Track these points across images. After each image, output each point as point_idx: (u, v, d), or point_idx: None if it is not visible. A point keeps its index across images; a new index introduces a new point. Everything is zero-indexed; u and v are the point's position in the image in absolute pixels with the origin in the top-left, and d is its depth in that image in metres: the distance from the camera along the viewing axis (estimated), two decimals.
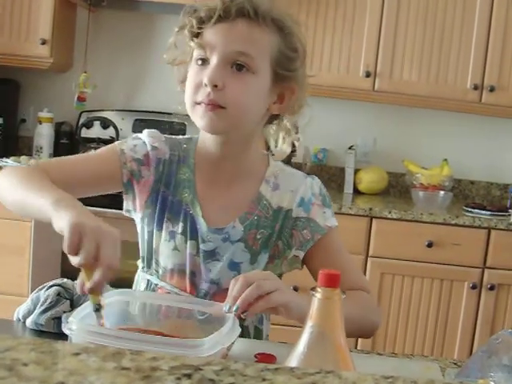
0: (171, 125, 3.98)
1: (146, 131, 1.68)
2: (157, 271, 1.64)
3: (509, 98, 3.74)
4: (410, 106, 3.90)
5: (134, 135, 1.69)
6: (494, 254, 3.45)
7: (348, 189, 4.02)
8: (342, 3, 3.71)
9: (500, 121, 4.05)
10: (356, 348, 3.45)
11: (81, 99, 4.00)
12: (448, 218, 3.43)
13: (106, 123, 3.99)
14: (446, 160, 4.03)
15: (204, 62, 1.52)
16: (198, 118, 1.53)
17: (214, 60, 1.51)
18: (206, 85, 1.49)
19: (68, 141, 4.03)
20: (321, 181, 1.75)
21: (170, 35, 1.61)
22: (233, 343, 1.31)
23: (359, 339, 3.43)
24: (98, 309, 1.28)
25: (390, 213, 3.41)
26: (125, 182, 1.61)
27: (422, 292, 3.47)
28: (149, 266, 1.66)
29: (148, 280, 1.66)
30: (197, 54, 1.54)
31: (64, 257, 1.31)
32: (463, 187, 4.19)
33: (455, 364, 1.45)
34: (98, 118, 4.00)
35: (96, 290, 1.27)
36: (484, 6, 3.68)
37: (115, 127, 3.94)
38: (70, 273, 1.48)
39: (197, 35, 1.53)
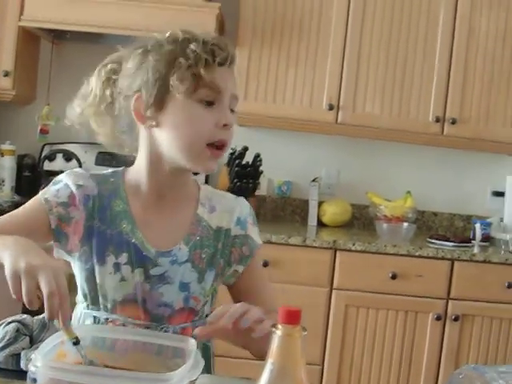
0: (134, 158, 3.96)
1: (66, 172, 1.67)
2: (105, 306, 1.63)
3: (470, 130, 3.78)
4: (373, 138, 3.93)
5: (55, 179, 1.67)
6: (458, 285, 3.47)
7: (312, 221, 4.02)
8: (305, 36, 3.74)
9: (462, 153, 4.10)
10: (321, 383, 3.45)
11: (43, 131, 3.97)
12: (412, 249, 3.44)
13: (68, 156, 3.96)
14: (409, 192, 4.05)
15: (211, 102, 1.57)
16: (203, 160, 1.58)
17: (225, 101, 1.58)
18: (224, 125, 1.56)
19: (30, 173, 3.99)
20: (285, 213, 1.83)
21: None
22: (197, 378, 1.30)
23: (324, 374, 3.42)
24: (76, 342, 1.27)
25: (354, 245, 3.41)
26: (53, 227, 1.59)
27: (386, 324, 3.47)
28: (94, 302, 1.64)
29: (95, 316, 1.64)
30: (206, 93, 1.56)
31: None
32: (426, 219, 4.22)
33: None
34: (60, 151, 3.97)
35: (64, 324, 1.26)
36: (445, 39, 3.74)
37: (78, 160, 3.91)
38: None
39: (206, 74, 1.55)
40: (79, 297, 1.68)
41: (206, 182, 4.05)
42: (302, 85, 3.74)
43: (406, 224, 3.82)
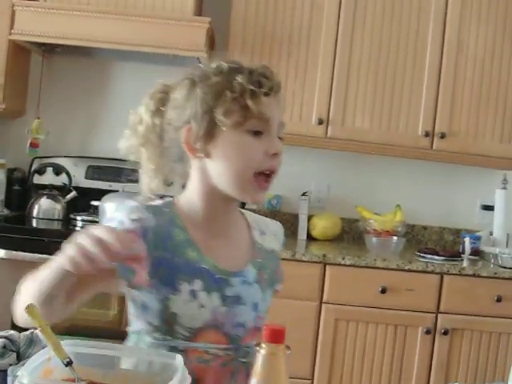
0: (125, 172, 3.96)
1: (118, 208, 1.66)
2: (183, 334, 1.61)
3: (459, 145, 3.80)
4: (362, 152, 3.94)
5: (108, 217, 1.66)
6: (448, 299, 3.47)
7: (302, 235, 4.02)
8: (294, 51, 3.76)
9: (451, 166, 4.12)
10: None
11: (33, 145, 3.97)
12: (401, 263, 3.44)
13: (58, 170, 3.95)
14: (398, 206, 4.06)
15: (259, 132, 1.59)
16: (253, 191, 1.61)
17: (273, 130, 1.60)
18: (274, 154, 1.59)
19: (20, 187, 3.98)
20: None
21: (124, 81, 1.62)
22: None
23: None
24: (68, 363, 1.26)
25: (343, 259, 3.41)
26: (116, 265, 1.52)
27: (376, 338, 3.47)
28: (169, 333, 1.62)
29: (172, 347, 1.60)
30: (254, 123, 1.58)
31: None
32: (416, 232, 4.23)
33: None
34: (50, 165, 3.96)
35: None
36: (434, 55, 3.76)
37: (68, 174, 3.91)
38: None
39: (253, 104, 1.57)
40: (142, 328, 1.66)
41: None
42: (292, 99, 3.75)
43: (395, 238, 3.83)
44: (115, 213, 1.63)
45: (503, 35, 3.81)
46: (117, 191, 3.69)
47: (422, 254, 3.69)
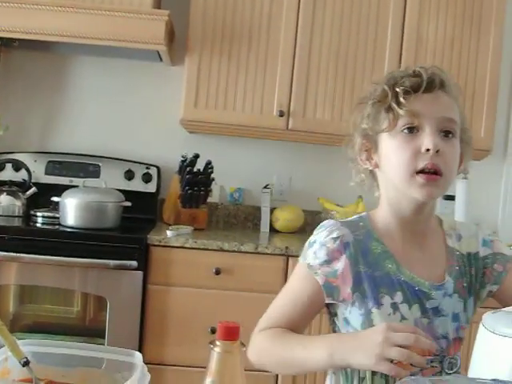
0: (85, 166, 3.93)
1: (317, 229, 1.76)
2: None
3: None
4: (323, 144, 3.94)
5: (309, 240, 1.76)
6: None
7: (264, 228, 4.02)
8: (254, 43, 3.75)
9: None
10: None
11: None
12: None
13: (18, 165, 3.91)
14: (360, 197, 4.07)
15: (412, 129, 1.62)
16: (417, 187, 1.61)
17: (427, 127, 1.61)
18: (427, 150, 1.59)
19: None
20: (237, 221, 1.85)
21: (84, 76, 1.59)
22: None
23: (279, 381, 3.42)
24: (26, 363, 1.25)
25: None
26: (322, 284, 1.66)
27: None
28: None
29: None
30: (405, 122, 1.62)
31: None
32: None
33: None
34: (9, 161, 3.91)
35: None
36: (394, 47, 3.77)
37: (28, 170, 3.86)
38: None
39: (399, 105, 1.63)
40: None
41: (158, 191, 4.03)
42: (253, 92, 3.74)
43: None
44: (315, 235, 1.74)
45: (462, 25, 3.83)
46: (77, 187, 3.66)
47: None
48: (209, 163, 3.88)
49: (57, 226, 3.45)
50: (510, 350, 1.23)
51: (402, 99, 1.62)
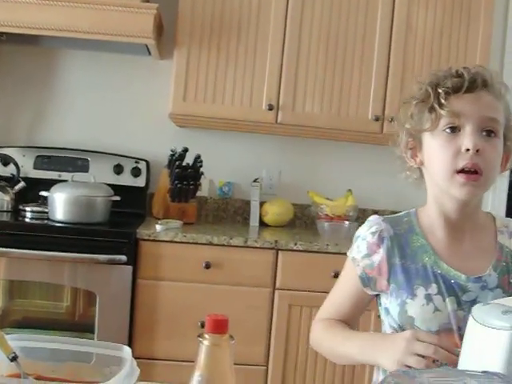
0: (74, 161, 3.92)
1: (362, 226, 1.88)
2: None
3: None
4: (313, 137, 3.94)
5: (355, 235, 1.89)
6: None
7: (254, 221, 4.02)
8: (243, 37, 3.74)
9: None
10: None
11: None
12: None
13: (6, 160, 3.89)
14: (350, 190, 4.08)
15: (453, 129, 1.65)
16: (458, 186, 1.65)
17: (468, 127, 1.64)
18: (467, 150, 1.62)
19: None
20: (226, 215, 1.89)
21: (72, 70, 1.58)
22: None
23: (269, 375, 3.42)
24: (14, 358, 1.25)
25: (295, 245, 3.41)
26: (359, 274, 1.81)
27: None
28: None
29: None
30: (446, 122, 1.66)
31: None
32: (367, 217, 4.23)
33: None
34: None
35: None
36: (383, 38, 3.77)
37: (16, 164, 3.84)
38: None
39: (440, 105, 1.66)
40: (387, 331, 1.83)
41: (147, 185, 4.02)
42: (242, 85, 3.73)
43: (347, 222, 3.84)
44: (359, 230, 1.87)
45: (451, 14, 3.83)
46: (66, 181, 3.65)
47: None
48: (198, 157, 3.87)
49: (46, 221, 3.44)
50: (499, 342, 1.24)
51: (443, 100, 1.66)
